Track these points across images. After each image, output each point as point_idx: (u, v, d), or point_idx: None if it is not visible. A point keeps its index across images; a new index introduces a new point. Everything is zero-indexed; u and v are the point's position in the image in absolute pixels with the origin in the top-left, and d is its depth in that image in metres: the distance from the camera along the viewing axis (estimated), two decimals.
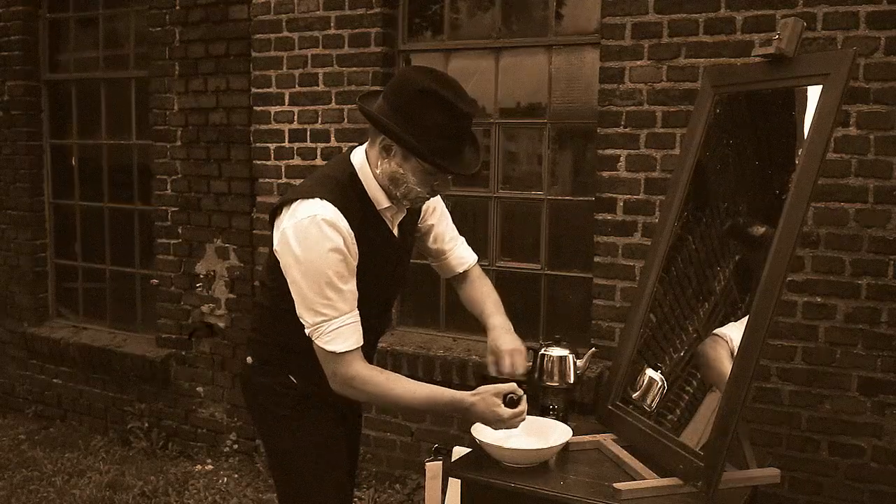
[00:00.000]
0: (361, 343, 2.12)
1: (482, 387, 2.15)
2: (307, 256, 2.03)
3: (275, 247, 2.13)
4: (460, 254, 2.53)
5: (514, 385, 2.15)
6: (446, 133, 2.04)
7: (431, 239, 2.48)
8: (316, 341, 2.09)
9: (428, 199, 2.21)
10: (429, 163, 2.06)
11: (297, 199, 2.09)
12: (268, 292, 2.29)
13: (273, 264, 2.20)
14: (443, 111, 2.02)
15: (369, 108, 2.10)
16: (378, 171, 2.14)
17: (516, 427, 2.18)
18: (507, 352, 2.33)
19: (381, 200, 2.18)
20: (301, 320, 2.10)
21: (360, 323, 2.12)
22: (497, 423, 2.14)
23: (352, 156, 2.21)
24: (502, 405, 2.11)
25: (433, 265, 2.59)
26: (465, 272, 2.55)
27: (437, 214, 2.45)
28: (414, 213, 2.35)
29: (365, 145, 2.21)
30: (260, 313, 2.37)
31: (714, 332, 2.35)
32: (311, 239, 2.03)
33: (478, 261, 2.59)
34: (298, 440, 2.28)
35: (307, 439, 2.29)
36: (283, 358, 2.29)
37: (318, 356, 2.12)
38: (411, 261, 2.45)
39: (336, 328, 2.07)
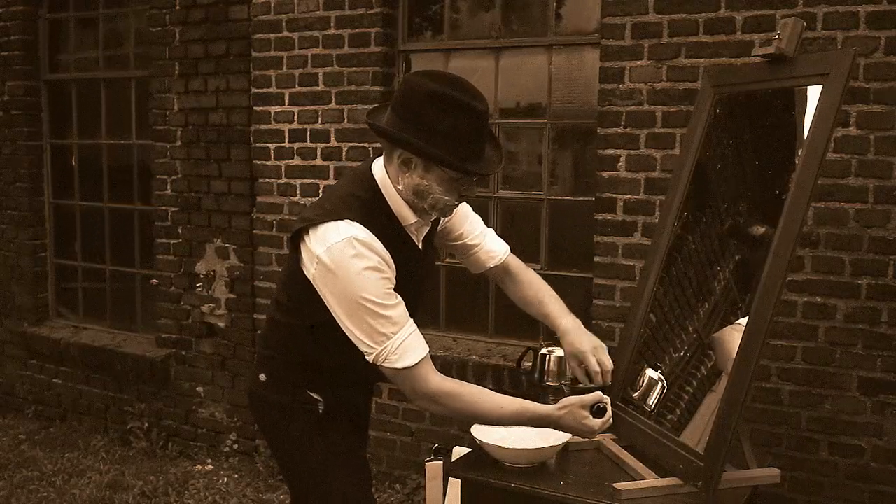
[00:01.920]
0: (428, 349, 2.05)
1: (566, 399, 2.12)
2: (351, 281, 1.95)
3: (310, 275, 2.02)
4: (489, 248, 2.45)
5: (598, 394, 2.11)
6: (465, 135, 1.96)
7: (455, 237, 2.40)
8: (384, 364, 2.00)
9: (457, 206, 2.12)
10: (453, 168, 1.98)
11: (323, 222, 2.00)
12: (286, 310, 2.20)
13: (293, 282, 2.12)
14: (458, 113, 1.94)
15: (379, 122, 2.02)
16: (401, 187, 2.04)
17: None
18: (591, 350, 2.32)
19: (407, 216, 2.09)
20: (360, 347, 2.01)
21: (419, 330, 2.05)
22: (588, 434, 2.11)
23: (373, 170, 2.11)
24: (590, 416, 2.08)
25: (463, 263, 2.51)
26: (502, 266, 2.46)
27: (458, 213, 2.34)
28: (434, 224, 2.26)
29: (382, 158, 2.12)
30: (275, 330, 2.27)
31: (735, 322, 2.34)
32: (349, 262, 1.94)
33: (510, 251, 2.50)
34: (318, 455, 2.22)
35: (327, 453, 2.23)
36: (302, 375, 2.22)
37: (389, 379, 2.05)
38: None
39: (401, 343, 1.99)
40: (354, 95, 3.97)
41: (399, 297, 2.02)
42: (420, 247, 2.19)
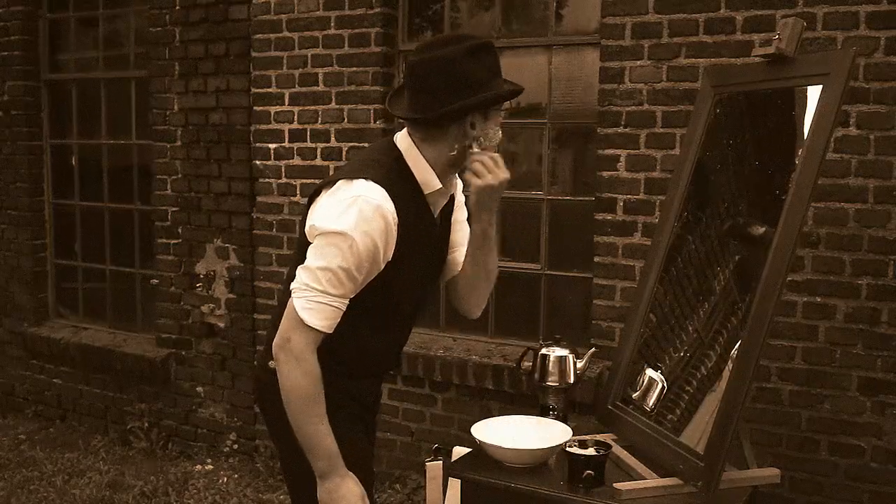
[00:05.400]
0: (330, 332, 1.98)
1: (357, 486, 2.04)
2: (339, 229, 1.91)
3: (307, 222, 2.02)
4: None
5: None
6: (492, 67, 2.01)
7: (454, 219, 2.29)
8: (295, 299, 1.95)
9: (499, 133, 2.09)
10: (508, 98, 2.07)
11: (339, 180, 1.98)
12: None
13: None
14: (474, 56, 1.97)
15: (402, 110, 2.04)
16: (476, 148, 2.02)
17: None
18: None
19: (431, 183, 2.05)
20: (297, 272, 1.97)
21: (340, 317, 1.99)
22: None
23: (396, 140, 2.10)
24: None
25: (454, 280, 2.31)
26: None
27: (462, 209, 2.30)
28: (450, 202, 2.22)
29: (405, 130, 2.09)
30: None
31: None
32: (347, 216, 1.91)
33: None
34: None
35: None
36: None
37: (287, 312, 1.98)
38: None
39: (322, 301, 1.93)
40: (354, 95, 3.97)
41: (361, 282, 1.97)
42: (437, 219, 2.16)
